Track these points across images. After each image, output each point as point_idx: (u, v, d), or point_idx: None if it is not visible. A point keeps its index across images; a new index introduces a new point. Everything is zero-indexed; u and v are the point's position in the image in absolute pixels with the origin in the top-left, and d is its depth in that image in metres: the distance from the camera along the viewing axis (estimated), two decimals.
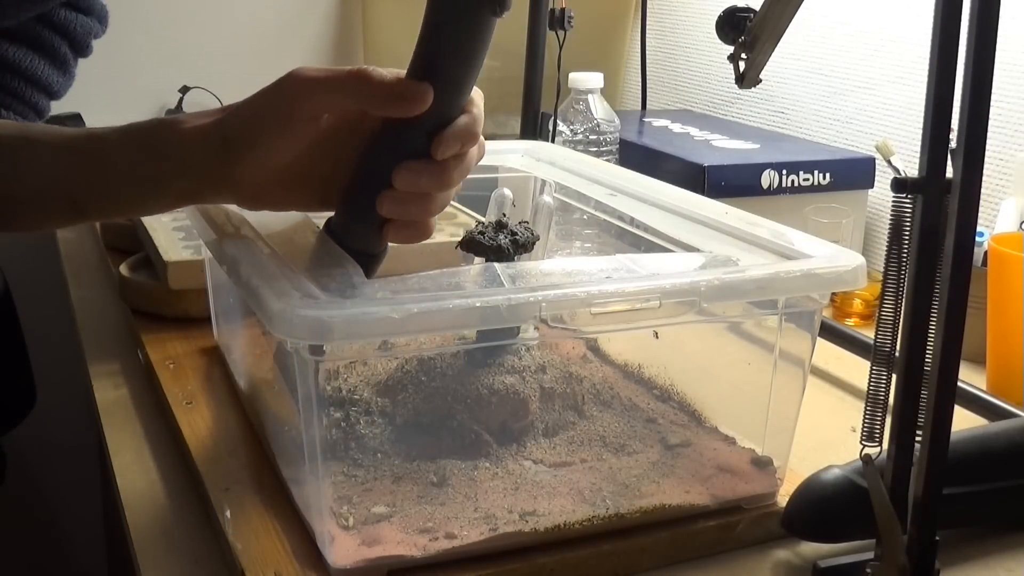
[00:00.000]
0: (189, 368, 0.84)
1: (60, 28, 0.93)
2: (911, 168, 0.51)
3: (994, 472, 0.63)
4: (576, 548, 0.59)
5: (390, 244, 0.65)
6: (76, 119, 1.42)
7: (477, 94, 0.63)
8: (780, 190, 1.09)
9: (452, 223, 1.03)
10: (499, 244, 0.67)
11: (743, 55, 0.84)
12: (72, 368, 1.02)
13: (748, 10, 0.84)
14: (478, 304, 0.53)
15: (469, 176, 0.98)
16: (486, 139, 0.92)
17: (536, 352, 0.66)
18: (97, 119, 1.32)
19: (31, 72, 0.91)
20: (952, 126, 0.50)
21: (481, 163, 0.95)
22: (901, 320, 0.53)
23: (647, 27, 1.58)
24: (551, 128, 1.14)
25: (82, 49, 0.97)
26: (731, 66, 0.86)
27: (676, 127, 1.32)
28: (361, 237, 0.64)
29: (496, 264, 0.59)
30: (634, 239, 0.79)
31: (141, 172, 0.61)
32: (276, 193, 0.64)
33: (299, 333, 0.51)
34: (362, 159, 0.63)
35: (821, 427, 0.78)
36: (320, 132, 0.61)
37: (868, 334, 0.84)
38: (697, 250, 0.68)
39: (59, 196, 0.63)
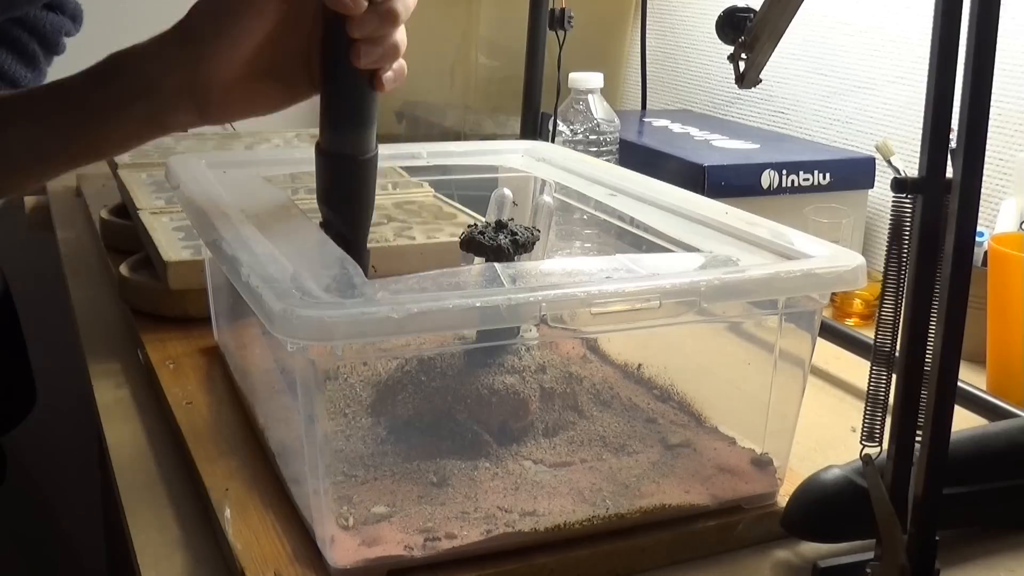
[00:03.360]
0: (189, 368, 0.84)
1: (29, 26, 0.95)
2: (911, 168, 0.51)
3: (994, 472, 0.63)
4: (576, 548, 0.59)
5: (396, 243, 0.66)
6: None
7: None
8: (780, 190, 1.09)
9: (452, 223, 1.04)
10: (499, 244, 0.67)
11: (743, 55, 0.84)
12: (72, 368, 1.02)
13: (748, 10, 0.84)
14: (478, 304, 0.53)
15: (469, 176, 0.98)
16: (486, 139, 0.92)
17: (536, 352, 0.66)
18: None
19: None
20: (952, 126, 0.50)
21: (481, 163, 0.96)
22: (901, 320, 0.53)
23: (647, 27, 1.58)
24: (551, 128, 1.14)
25: (53, 47, 0.98)
26: (731, 66, 0.86)
27: (676, 127, 1.32)
28: (345, 128, 0.65)
29: (496, 264, 0.59)
30: (634, 239, 0.79)
31: (99, 101, 0.61)
32: (242, 93, 0.63)
33: (299, 333, 0.51)
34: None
35: (821, 427, 0.78)
36: (281, 14, 0.62)
37: (868, 334, 0.84)
38: (697, 250, 0.68)
39: (26, 146, 0.63)
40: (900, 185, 0.51)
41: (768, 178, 1.09)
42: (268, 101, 0.66)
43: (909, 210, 0.52)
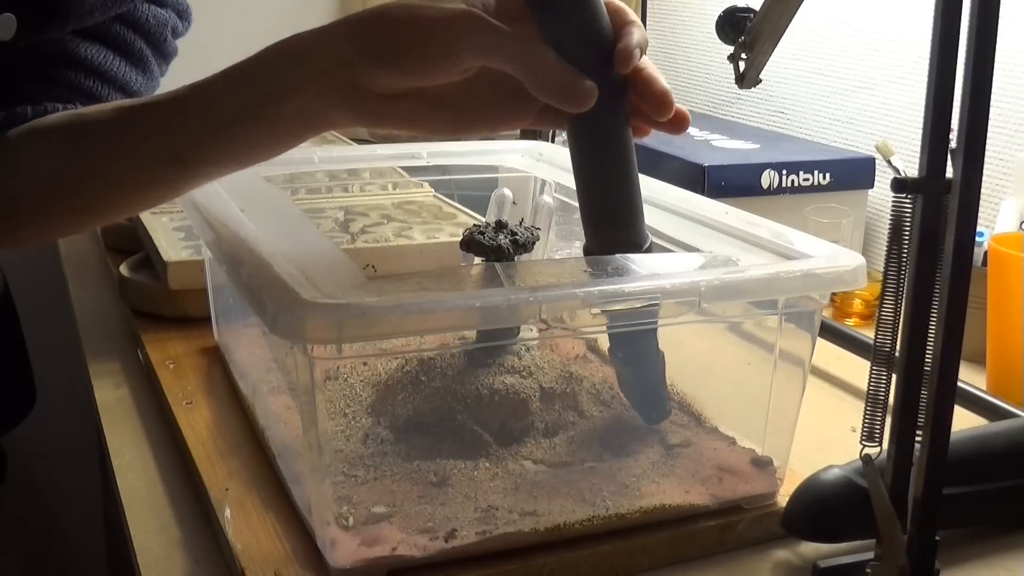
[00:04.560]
0: (189, 368, 0.84)
1: (130, 21, 0.88)
2: (911, 168, 0.51)
3: (994, 472, 0.63)
4: (576, 548, 0.59)
5: (396, 243, 0.65)
6: None
7: None
8: (780, 190, 1.09)
9: (452, 223, 1.04)
10: (499, 244, 0.67)
11: (743, 55, 0.85)
12: (72, 368, 1.02)
13: (748, 10, 0.84)
14: (478, 304, 0.53)
15: (469, 176, 0.99)
16: (486, 139, 0.91)
17: (536, 352, 0.66)
18: None
19: (105, 69, 0.86)
20: (952, 126, 0.50)
21: (481, 163, 0.96)
22: (901, 320, 0.53)
23: (647, 27, 1.58)
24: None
25: (160, 45, 0.91)
26: (731, 66, 0.86)
27: None
28: (616, 224, 0.61)
29: (496, 264, 0.59)
30: None
31: (247, 98, 0.57)
32: (406, 109, 0.57)
33: (299, 333, 0.51)
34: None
35: (821, 427, 0.78)
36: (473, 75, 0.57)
37: (868, 334, 0.84)
38: (697, 250, 0.68)
39: (163, 155, 0.59)
40: (900, 185, 0.51)
41: (768, 178, 1.09)
42: (433, 125, 0.59)
43: (909, 210, 0.52)
